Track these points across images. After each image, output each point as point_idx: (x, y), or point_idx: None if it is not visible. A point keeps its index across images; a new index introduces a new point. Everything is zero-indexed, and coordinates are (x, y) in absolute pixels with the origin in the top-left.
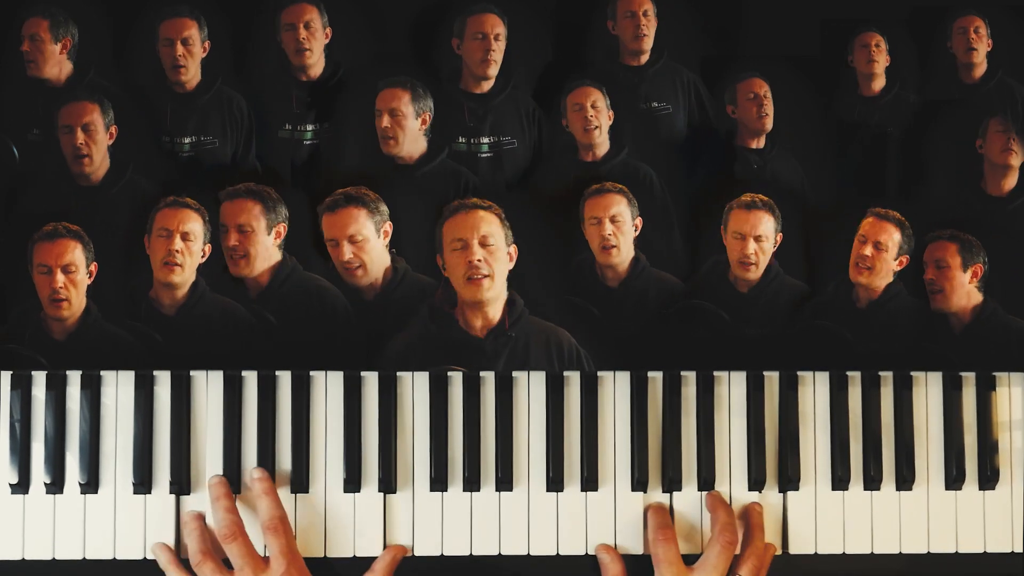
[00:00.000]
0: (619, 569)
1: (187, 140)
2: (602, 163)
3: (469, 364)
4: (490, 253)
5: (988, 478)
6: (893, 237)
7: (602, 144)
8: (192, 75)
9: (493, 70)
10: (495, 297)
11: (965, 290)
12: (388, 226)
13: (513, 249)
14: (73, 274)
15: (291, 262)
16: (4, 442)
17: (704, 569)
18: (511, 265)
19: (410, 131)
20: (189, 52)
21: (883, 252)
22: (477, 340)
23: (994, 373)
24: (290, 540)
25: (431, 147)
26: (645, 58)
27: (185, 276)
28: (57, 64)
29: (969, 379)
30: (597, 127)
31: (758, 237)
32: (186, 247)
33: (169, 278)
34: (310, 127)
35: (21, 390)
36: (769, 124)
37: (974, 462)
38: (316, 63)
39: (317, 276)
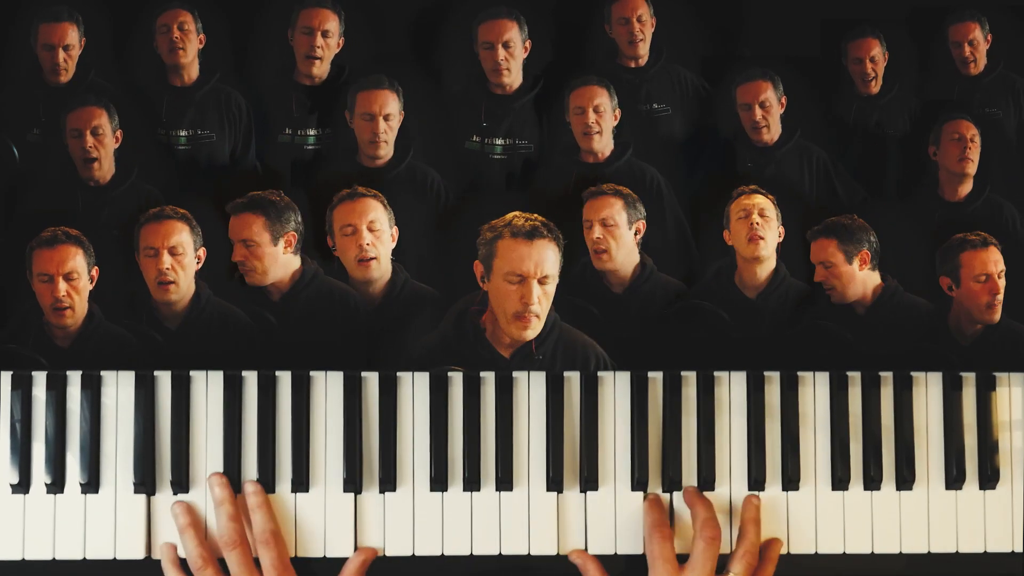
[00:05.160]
0: (595, 567)
1: (183, 133)
2: (606, 164)
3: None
4: (544, 293)
5: (988, 478)
6: (833, 248)
7: (606, 145)
8: (190, 65)
9: (507, 78)
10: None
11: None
12: (395, 231)
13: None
14: (75, 281)
15: (312, 266)
16: (5, 442)
17: (693, 568)
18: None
19: (395, 134)
20: (186, 38)
21: (835, 265)
22: (503, 360)
23: (994, 373)
24: (282, 552)
25: (400, 149)
26: (643, 60)
27: (182, 291)
28: (74, 66)
29: (969, 379)
30: (598, 132)
31: (762, 211)
32: (176, 262)
33: (165, 297)
34: (312, 132)
35: (22, 390)
36: (768, 133)
37: (974, 462)
38: (322, 69)
39: (337, 280)
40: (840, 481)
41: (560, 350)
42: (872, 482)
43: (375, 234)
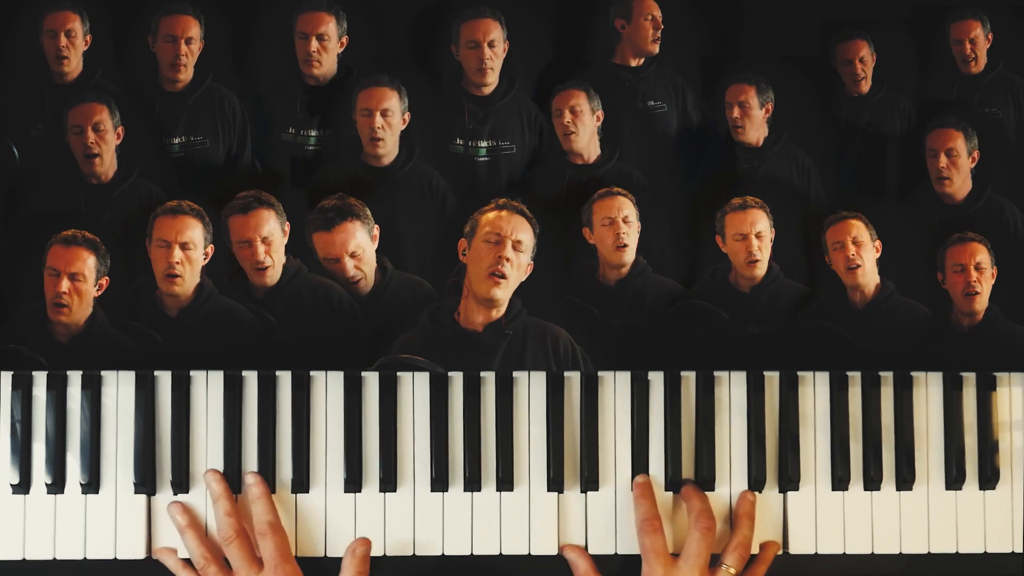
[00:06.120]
0: (587, 565)
1: (176, 141)
2: (595, 167)
3: (467, 356)
4: (518, 256)
5: (988, 478)
6: (861, 230)
7: (588, 146)
8: (187, 74)
9: (491, 77)
10: (503, 300)
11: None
12: (376, 230)
13: (530, 265)
14: (80, 283)
15: (296, 263)
16: (5, 442)
17: (687, 559)
18: (523, 278)
19: (396, 132)
20: (190, 51)
21: (863, 244)
22: (475, 334)
23: (994, 373)
24: (281, 543)
25: (405, 150)
26: (639, 60)
27: (187, 285)
28: (80, 62)
29: (969, 379)
30: (574, 133)
31: (759, 234)
32: (186, 257)
33: (171, 289)
34: (313, 132)
35: (22, 390)
36: (747, 132)
37: (974, 462)
38: (326, 70)
39: (321, 276)
40: (840, 481)
41: (531, 328)
42: (872, 482)
43: (357, 259)
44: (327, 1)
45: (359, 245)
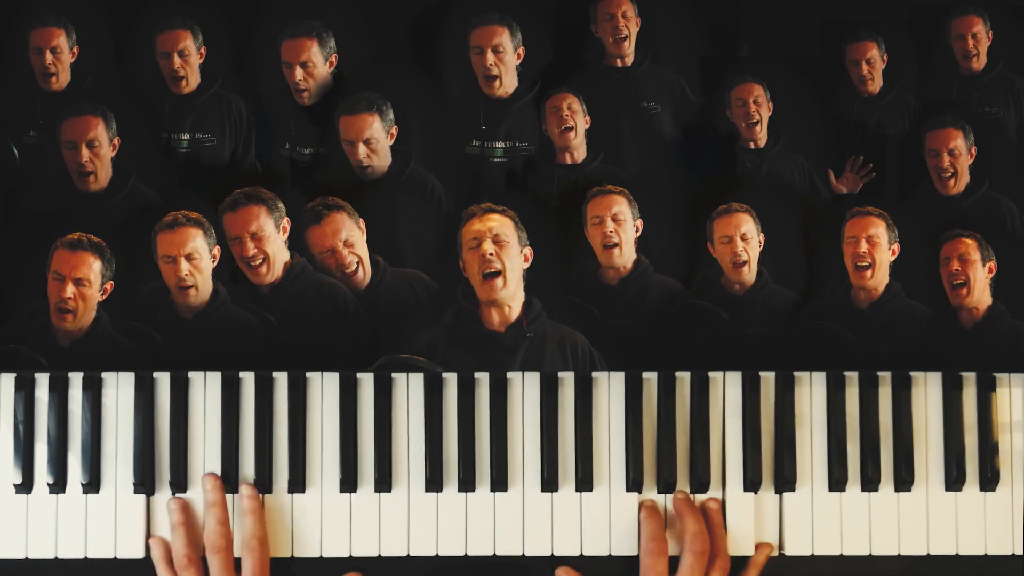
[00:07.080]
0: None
1: (185, 136)
2: (582, 166)
3: (490, 357)
4: (502, 248)
5: (989, 479)
6: (880, 229)
7: (579, 148)
8: (191, 82)
9: (499, 83)
10: (510, 295)
11: (983, 285)
12: (362, 223)
13: (528, 251)
14: (85, 288)
15: (301, 261)
16: (8, 443)
17: None
18: (526, 265)
19: (382, 152)
20: (187, 63)
21: (877, 244)
22: (497, 334)
23: (995, 374)
24: (264, 560)
25: (399, 158)
26: (629, 60)
27: (201, 292)
28: (68, 75)
29: (969, 379)
30: (572, 128)
31: (744, 236)
32: (193, 267)
33: (186, 300)
34: (307, 150)
35: (24, 392)
36: (759, 132)
37: (975, 463)
38: (315, 91)
39: (326, 276)
40: (837, 482)
41: (551, 331)
42: (870, 483)
43: (350, 246)
44: (308, 25)
45: (349, 233)
